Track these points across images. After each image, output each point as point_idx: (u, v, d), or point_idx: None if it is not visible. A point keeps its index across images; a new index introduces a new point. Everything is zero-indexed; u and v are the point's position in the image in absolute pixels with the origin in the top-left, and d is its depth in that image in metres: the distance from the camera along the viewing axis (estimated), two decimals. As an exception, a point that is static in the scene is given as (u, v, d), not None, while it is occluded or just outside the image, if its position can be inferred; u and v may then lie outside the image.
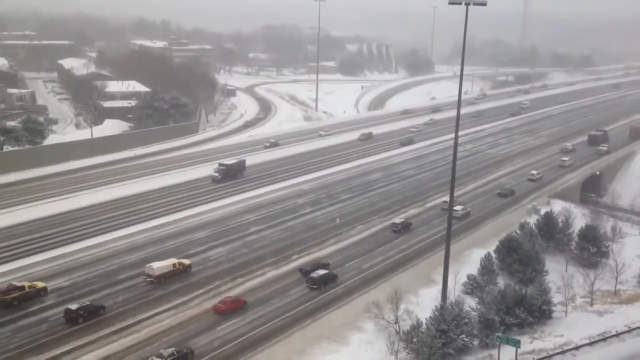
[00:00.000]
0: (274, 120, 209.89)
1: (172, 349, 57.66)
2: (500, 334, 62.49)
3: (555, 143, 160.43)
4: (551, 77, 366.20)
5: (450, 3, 66.34)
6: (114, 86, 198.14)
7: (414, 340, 60.13)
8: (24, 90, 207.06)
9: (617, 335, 66.55)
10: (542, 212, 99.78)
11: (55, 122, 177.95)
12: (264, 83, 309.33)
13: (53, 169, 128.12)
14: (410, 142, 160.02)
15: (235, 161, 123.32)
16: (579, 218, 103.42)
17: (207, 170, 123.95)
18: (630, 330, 67.53)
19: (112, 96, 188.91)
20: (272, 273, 77.82)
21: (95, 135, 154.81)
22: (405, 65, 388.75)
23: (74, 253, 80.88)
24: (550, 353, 62.57)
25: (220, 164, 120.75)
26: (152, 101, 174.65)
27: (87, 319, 63.34)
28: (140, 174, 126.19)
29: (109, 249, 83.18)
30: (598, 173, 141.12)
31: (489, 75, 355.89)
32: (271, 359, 59.35)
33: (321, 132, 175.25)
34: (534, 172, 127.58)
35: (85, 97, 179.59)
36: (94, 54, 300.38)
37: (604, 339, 65.68)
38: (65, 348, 58.73)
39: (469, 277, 77.51)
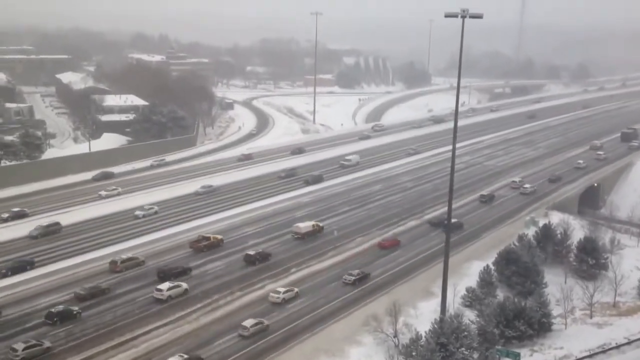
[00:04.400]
0: (272, 133, 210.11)
1: (357, 270, 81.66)
2: (500, 347, 62.32)
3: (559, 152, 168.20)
4: (547, 88, 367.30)
5: (446, 16, 66.63)
6: (111, 100, 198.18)
7: (413, 354, 59.87)
8: (22, 105, 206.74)
9: (617, 347, 66.37)
10: (541, 224, 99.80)
11: (53, 136, 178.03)
12: (261, 96, 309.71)
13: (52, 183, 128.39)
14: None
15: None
16: (578, 230, 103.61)
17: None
18: (630, 343, 67.34)
19: (110, 110, 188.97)
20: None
21: (93, 149, 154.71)
22: (402, 78, 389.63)
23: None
24: (551, 366, 62.42)
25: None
26: (150, 115, 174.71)
27: (261, 261, 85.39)
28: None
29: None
30: (596, 185, 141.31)
31: (485, 87, 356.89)
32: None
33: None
34: (580, 161, 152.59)
35: (83, 111, 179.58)
36: (91, 68, 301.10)
37: (604, 352, 65.50)
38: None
39: (468, 289, 77.40)
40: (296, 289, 76.13)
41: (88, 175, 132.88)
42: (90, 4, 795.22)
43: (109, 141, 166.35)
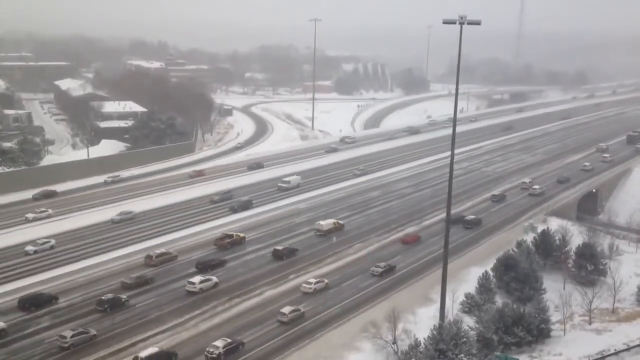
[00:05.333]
0: (271, 139, 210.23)
1: (384, 263, 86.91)
2: (499, 353, 62.17)
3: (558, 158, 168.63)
4: (545, 95, 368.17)
5: (444, 22, 66.73)
6: (110, 107, 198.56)
7: (412, 360, 59.76)
8: (20, 111, 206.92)
9: (615, 353, 66.16)
10: (539, 230, 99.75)
11: (52, 142, 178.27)
12: (260, 102, 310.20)
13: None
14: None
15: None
16: (576, 236, 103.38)
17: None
18: (629, 349, 67.16)
19: (109, 116, 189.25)
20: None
21: (91, 156, 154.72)
22: (400, 84, 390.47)
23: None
24: (549, 372, 62.26)
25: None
26: (148, 121, 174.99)
27: (288, 256, 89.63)
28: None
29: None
30: (594, 190, 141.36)
31: (484, 93, 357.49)
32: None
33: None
34: (587, 163, 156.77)
35: (82, 117, 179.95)
36: (90, 75, 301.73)
37: (603, 358, 65.31)
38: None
39: (467, 295, 77.28)
40: (326, 280, 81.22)
41: (29, 193, 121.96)
42: (89, 11, 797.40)
43: (108, 147, 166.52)
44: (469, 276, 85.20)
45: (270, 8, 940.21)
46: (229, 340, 63.87)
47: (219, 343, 63.13)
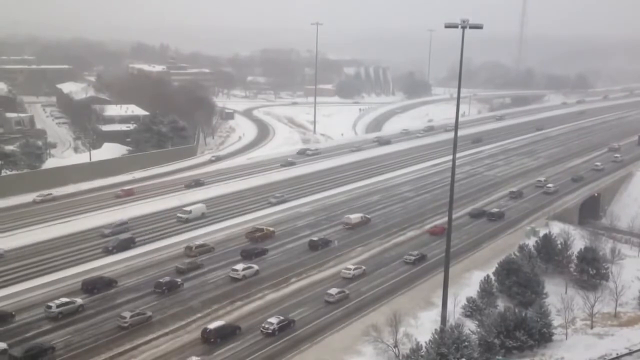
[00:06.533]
0: (272, 143, 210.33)
1: (417, 251, 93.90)
2: (500, 357, 62.14)
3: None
4: (547, 99, 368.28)
5: (446, 26, 66.81)
6: (112, 110, 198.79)
7: (414, 364, 59.71)
8: (22, 115, 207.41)
9: (617, 358, 66.02)
10: (541, 234, 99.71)
11: (54, 146, 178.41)
12: (262, 106, 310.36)
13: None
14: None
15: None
16: (578, 240, 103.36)
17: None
18: (631, 353, 67.00)
19: (111, 120, 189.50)
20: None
21: (93, 159, 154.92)
22: (402, 88, 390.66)
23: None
24: (551, 376, 62.14)
25: None
26: (150, 124, 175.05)
27: (323, 247, 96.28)
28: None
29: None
30: (596, 195, 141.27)
31: (485, 97, 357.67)
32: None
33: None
34: (598, 163, 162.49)
35: (84, 121, 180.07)
36: (92, 78, 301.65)
37: (605, 362, 65.22)
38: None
39: (469, 299, 77.23)
40: (364, 267, 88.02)
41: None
42: (91, 14, 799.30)
43: (110, 151, 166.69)
44: (470, 280, 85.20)
45: (271, 12, 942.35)
46: (282, 318, 70.39)
47: (273, 320, 69.65)
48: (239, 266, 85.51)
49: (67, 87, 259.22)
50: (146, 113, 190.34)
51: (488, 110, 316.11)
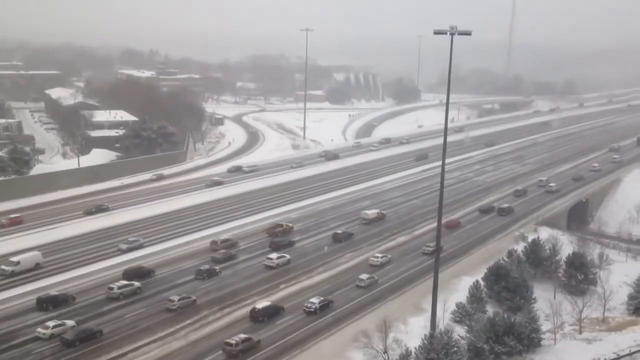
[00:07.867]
0: (262, 149, 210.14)
1: (434, 243, 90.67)
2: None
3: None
4: (535, 105, 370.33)
5: (435, 33, 67.05)
6: (101, 116, 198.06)
7: (403, 369, 59.69)
8: (10, 120, 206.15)
9: (606, 362, 66.34)
10: (530, 239, 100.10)
11: (42, 151, 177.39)
12: (251, 112, 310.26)
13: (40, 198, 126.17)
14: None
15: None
16: (566, 245, 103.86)
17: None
18: (619, 358, 67.31)
19: (100, 126, 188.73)
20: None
21: (82, 165, 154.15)
22: (391, 94, 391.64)
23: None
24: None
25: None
26: (139, 130, 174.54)
27: (346, 239, 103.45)
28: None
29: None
30: (584, 200, 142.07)
31: (474, 103, 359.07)
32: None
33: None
34: (596, 164, 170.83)
35: (73, 126, 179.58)
36: (81, 84, 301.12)
37: (593, 367, 65.42)
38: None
39: (458, 305, 77.37)
40: (389, 255, 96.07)
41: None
42: (80, 20, 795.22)
43: (98, 157, 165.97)
44: (459, 285, 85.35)
45: (261, 18, 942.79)
46: (322, 298, 77.73)
47: (315, 300, 77.13)
48: (273, 255, 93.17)
49: (56, 93, 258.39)
50: (135, 119, 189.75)
51: (477, 116, 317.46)
